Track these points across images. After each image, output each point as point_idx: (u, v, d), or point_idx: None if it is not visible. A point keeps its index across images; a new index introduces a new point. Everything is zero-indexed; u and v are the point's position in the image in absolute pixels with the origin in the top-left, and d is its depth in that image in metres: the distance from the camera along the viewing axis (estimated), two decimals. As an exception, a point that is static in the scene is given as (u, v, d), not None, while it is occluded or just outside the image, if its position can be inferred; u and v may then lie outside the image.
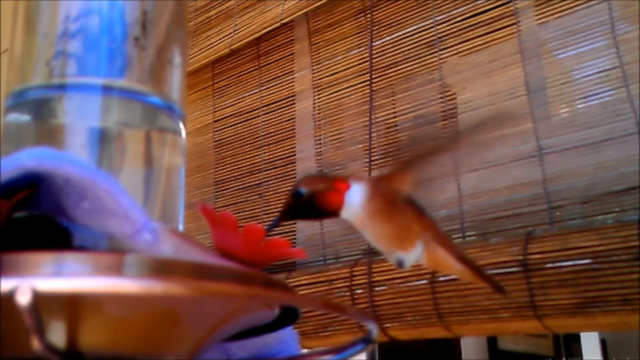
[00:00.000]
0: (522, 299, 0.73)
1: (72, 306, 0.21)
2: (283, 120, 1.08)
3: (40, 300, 0.19)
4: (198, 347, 0.24)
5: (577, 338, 2.13)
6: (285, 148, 1.06)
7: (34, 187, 0.23)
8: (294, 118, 1.06)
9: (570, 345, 2.44)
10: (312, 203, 0.55)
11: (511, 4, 0.84)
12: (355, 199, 0.55)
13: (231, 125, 1.15)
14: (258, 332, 0.28)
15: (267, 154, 1.08)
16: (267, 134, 1.09)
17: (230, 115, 1.16)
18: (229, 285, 0.21)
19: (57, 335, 0.22)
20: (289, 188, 1.04)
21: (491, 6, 0.86)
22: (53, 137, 0.26)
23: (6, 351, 0.23)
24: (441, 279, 0.80)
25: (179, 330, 0.24)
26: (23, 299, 0.18)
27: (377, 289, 0.85)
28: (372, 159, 0.93)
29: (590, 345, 1.90)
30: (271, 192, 1.06)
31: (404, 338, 0.84)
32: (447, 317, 0.79)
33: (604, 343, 1.98)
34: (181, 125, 0.30)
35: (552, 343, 2.53)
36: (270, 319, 0.26)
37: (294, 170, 1.04)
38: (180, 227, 0.29)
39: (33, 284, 0.18)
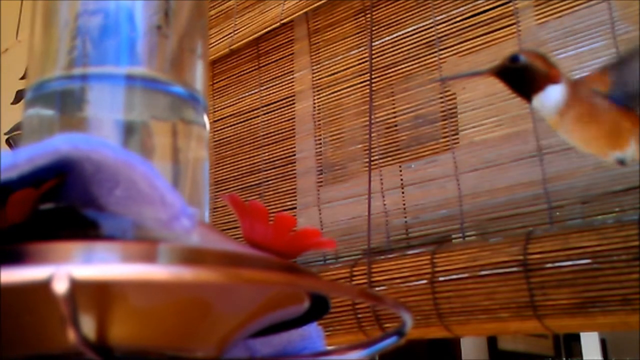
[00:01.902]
0: (522, 299, 0.73)
1: (102, 297, 0.21)
2: (283, 120, 1.08)
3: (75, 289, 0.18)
4: (227, 342, 0.24)
5: (577, 338, 2.13)
6: (285, 148, 1.06)
7: (61, 176, 0.22)
8: (294, 118, 1.06)
9: (570, 345, 2.45)
10: (521, 72, 0.56)
11: (511, 4, 0.84)
12: (553, 96, 0.55)
13: (231, 125, 1.15)
14: (281, 328, 0.28)
15: (267, 154, 1.08)
16: (267, 134, 1.09)
17: (230, 115, 1.15)
18: (263, 272, 0.20)
19: (85, 328, 0.21)
20: (289, 188, 1.04)
21: (491, 6, 0.86)
22: (77, 129, 0.26)
23: (29, 348, 0.22)
24: (441, 279, 0.80)
25: (209, 323, 0.23)
26: (60, 286, 0.17)
27: (377, 289, 0.85)
28: (372, 159, 0.93)
29: (590, 345, 1.91)
30: (271, 192, 1.05)
31: (404, 338, 0.84)
32: (447, 317, 0.79)
33: (604, 343, 1.99)
34: (205, 118, 0.30)
35: (552, 343, 2.52)
36: (299, 313, 0.26)
37: (294, 170, 1.04)
38: (207, 221, 0.29)
39: (70, 271, 0.17)
